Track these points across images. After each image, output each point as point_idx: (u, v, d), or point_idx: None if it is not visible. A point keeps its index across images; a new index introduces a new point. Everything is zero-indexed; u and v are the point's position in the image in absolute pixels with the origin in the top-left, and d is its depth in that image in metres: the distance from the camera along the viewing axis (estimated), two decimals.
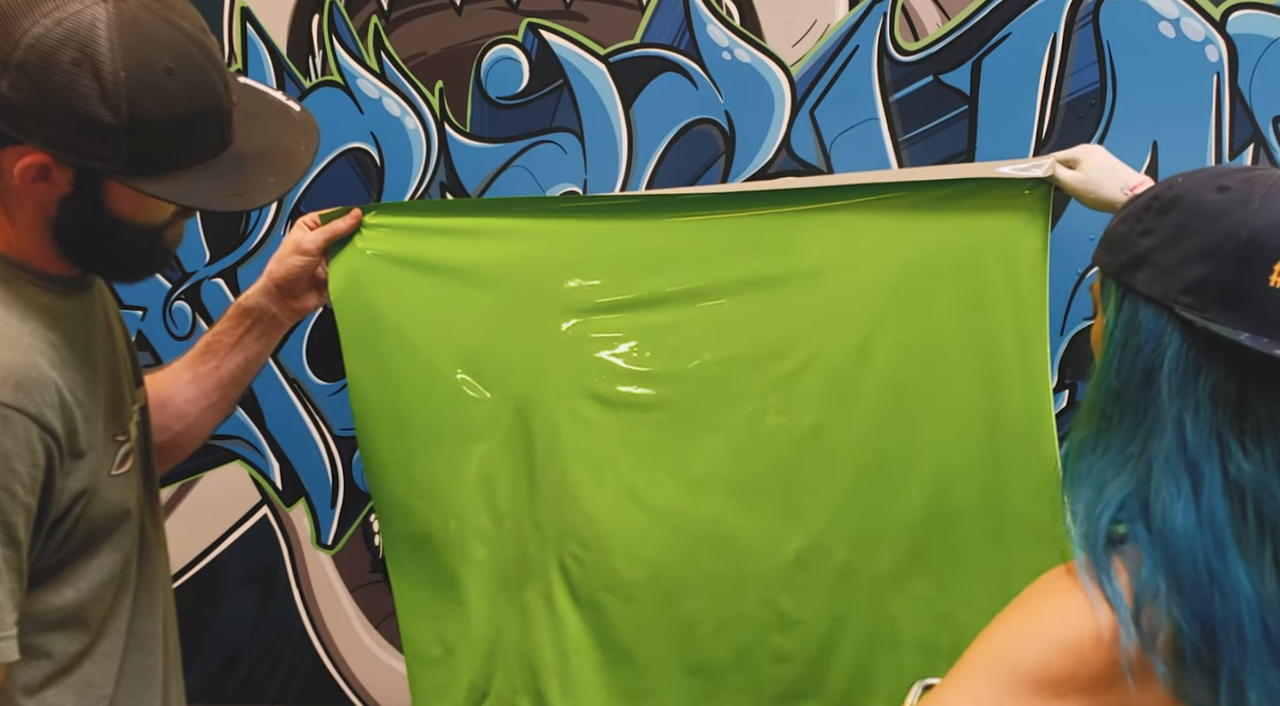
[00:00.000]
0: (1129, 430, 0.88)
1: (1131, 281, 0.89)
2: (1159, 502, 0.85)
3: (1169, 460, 0.86)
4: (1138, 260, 0.89)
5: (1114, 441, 0.89)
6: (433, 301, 1.49)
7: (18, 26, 0.98)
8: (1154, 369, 0.87)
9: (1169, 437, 0.86)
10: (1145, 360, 0.87)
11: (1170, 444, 0.86)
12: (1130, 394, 0.88)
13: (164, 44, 1.02)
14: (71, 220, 1.08)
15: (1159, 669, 0.83)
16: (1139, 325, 0.88)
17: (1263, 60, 1.50)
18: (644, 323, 1.48)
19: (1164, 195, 0.89)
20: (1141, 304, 0.88)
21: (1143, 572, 0.85)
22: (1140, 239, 0.89)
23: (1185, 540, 0.83)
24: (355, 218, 1.48)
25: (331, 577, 1.86)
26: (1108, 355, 0.90)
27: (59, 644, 1.14)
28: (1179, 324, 0.86)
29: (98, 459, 1.13)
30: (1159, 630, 0.83)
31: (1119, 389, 0.89)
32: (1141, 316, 0.88)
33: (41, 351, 1.07)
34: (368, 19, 1.72)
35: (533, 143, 1.70)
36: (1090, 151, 1.36)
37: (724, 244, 1.47)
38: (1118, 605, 0.84)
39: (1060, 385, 1.61)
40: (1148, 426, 0.87)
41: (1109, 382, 0.90)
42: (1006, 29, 1.56)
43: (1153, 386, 0.87)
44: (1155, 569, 0.84)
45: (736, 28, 1.63)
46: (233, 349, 1.44)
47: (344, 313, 1.47)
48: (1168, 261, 0.87)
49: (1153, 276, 0.87)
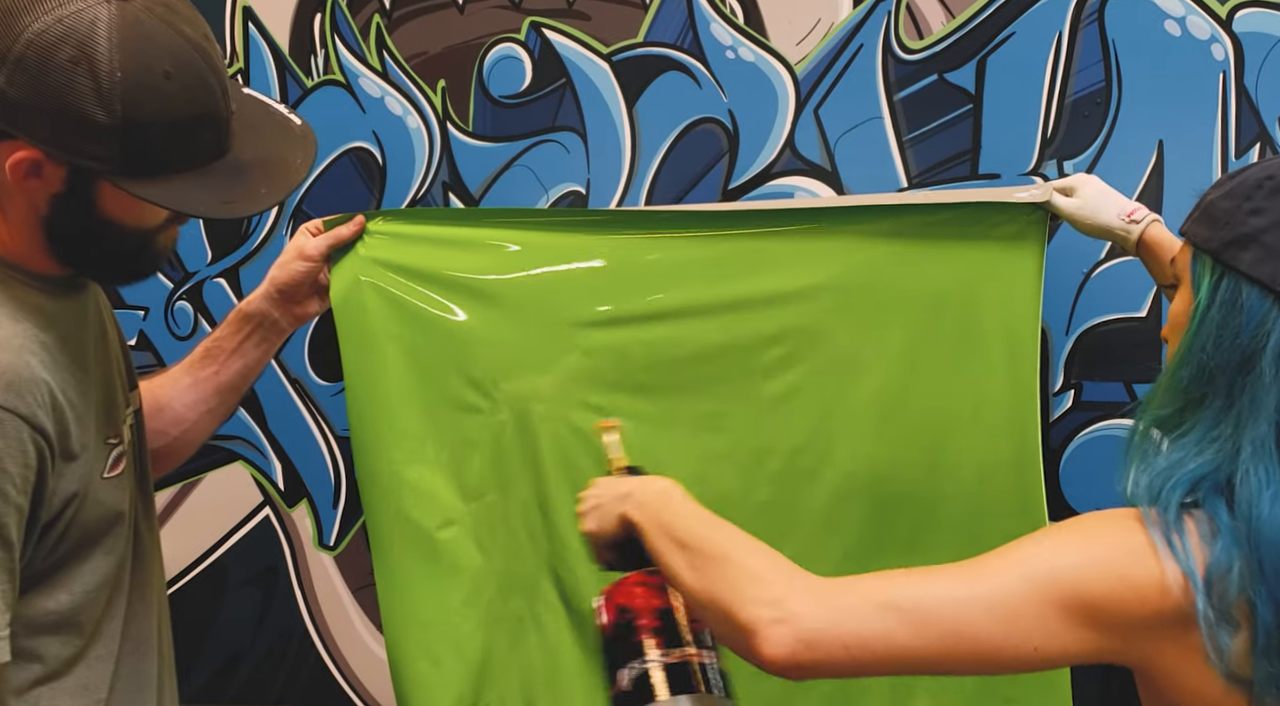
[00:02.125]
0: (1219, 411, 0.87)
1: (1235, 260, 0.87)
2: (1246, 488, 0.84)
3: (1264, 445, 0.85)
4: (1244, 239, 0.87)
5: (1200, 420, 0.88)
6: (433, 310, 1.49)
7: (19, 21, 0.98)
8: (1256, 352, 0.85)
9: (1265, 423, 0.85)
10: (1246, 342, 0.86)
11: (1266, 430, 0.85)
12: (1225, 375, 0.87)
13: (164, 48, 1.02)
14: (62, 219, 1.08)
15: (1222, 642, 0.82)
16: (1241, 306, 0.86)
17: (1269, 59, 1.50)
18: (642, 336, 1.49)
19: (1278, 175, 0.88)
20: (1245, 284, 0.86)
21: (1217, 547, 0.84)
22: (1249, 217, 0.87)
23: (1271, 528, 0.83)
24: (359, 224, 1.47)
25: (333, 578, 1.85)
26: (1199, 333, 0.88)
27: (52, 648, 1.13)
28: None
29: (90, 461, 1.13)
30: (1230, 605, 0.83)
31: (1213, 369, 0.87)
32: (1245, 297, 0.86)
33: (34, 352, 1.07)
34: (370, 18, 1.71)
35: (535, 142, 1.70)
36: (1086, 180, 1.38)
37: (723, 262, 1.49)
38: (1189, 568, 0.83)
39: (1066, 385, 1.61)
40: (1242, 408, 0.86)
41: (1199, 360, 0.88)
42: (1011, 27, 1.56)
43: (1252, 369, 0.85)
44: (1231, 547, 0.83)
45: (740, 26, 1.62)
46: (233, 354, 1.43)
47: (344, 319, 1.47)
48: (1278, 243, 0.85)
49: (1260, 257, 0.86)
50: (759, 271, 1.48)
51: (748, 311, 1.48)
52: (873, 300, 1.46)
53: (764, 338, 1.47)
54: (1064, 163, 1.56)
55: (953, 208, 1.44)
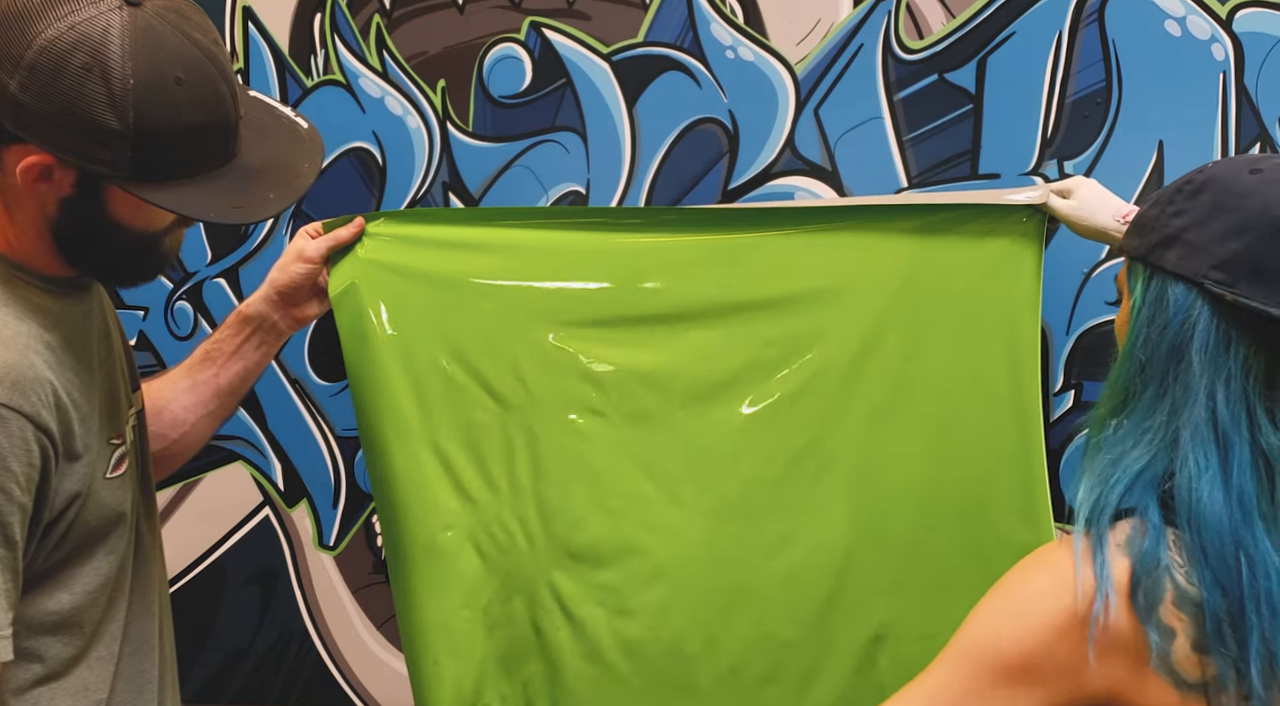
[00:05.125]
0: (1151, 401, 0.89)
1: (1161, 260, 0.90)
2: (1184, 474, 0.86)
3: (1198, 431, 0.87)
4: (1168, 240, 0.90)
5: (1135, 413, 0.91)
6: (434, 311, 1.48)
7: (32, 28, 0.99)
8: (1183, 342, 0.88)
9: (1199, 408, 0.87)
10: (1173, 334, 0.88)
11: (1201, 415, 0.87)
12: (1156, 367, 0.89)
13: (175, 54, 1.02)
14: (71, 222, 1.08)
15: (1153, 639, 0.83)
16: (1167, 302, 0.89)
17: (1269, 59, 1.50)
18: (642, 337, 1.49)
19: (1196, 179, 0.91)
20: (1170, 281, 0.90)
21: (1145, 543, 0.85)
22: (1171, 219, 0.90)
23: (1212, 511, 0.84)
24: (358, 226, 1.47)
25: (333, 578, 1.85)
26: (1133, 333, 0.92)
27: (53, 648, 1.14)
28: (1209, 299, 0.87)
29: (93, 461, 1.13)
30: (1157, 601, 0.84)
31: (1144, 363, 0.90)
32: (1170, 293, 0.89)
33: (38, 352, 1.07)
34: (370, 18, 1.71)
35: (535, 142, 1.70)
36: (1083, 182, 1.39)
37: (721, 263, 1.49)
38: (1102, 576, 0.85)
39: (1066, 385, 1.61)
40: (1174, 398, 0.88)
41: (1134, 358, 0.91)
42: (1011, 27, 1.56)
43: (1181, 359, 0.88)
44: (1160, 540, 0.85)
45: (740, 26, 1.62)
46: (232, 357, 1.43)
47: (345, 320, 1.47)
48: (1199, 239, 0.88)
49: (1183, 255, 0.89)
50: (760, 272, 1.48)
51: (748, 312, 1.48)
52: (872, 302, 1.46)
53: (764, 339, 1.48)
54: (1064, 163, 1.56)
55: (951, 209, 1.44)
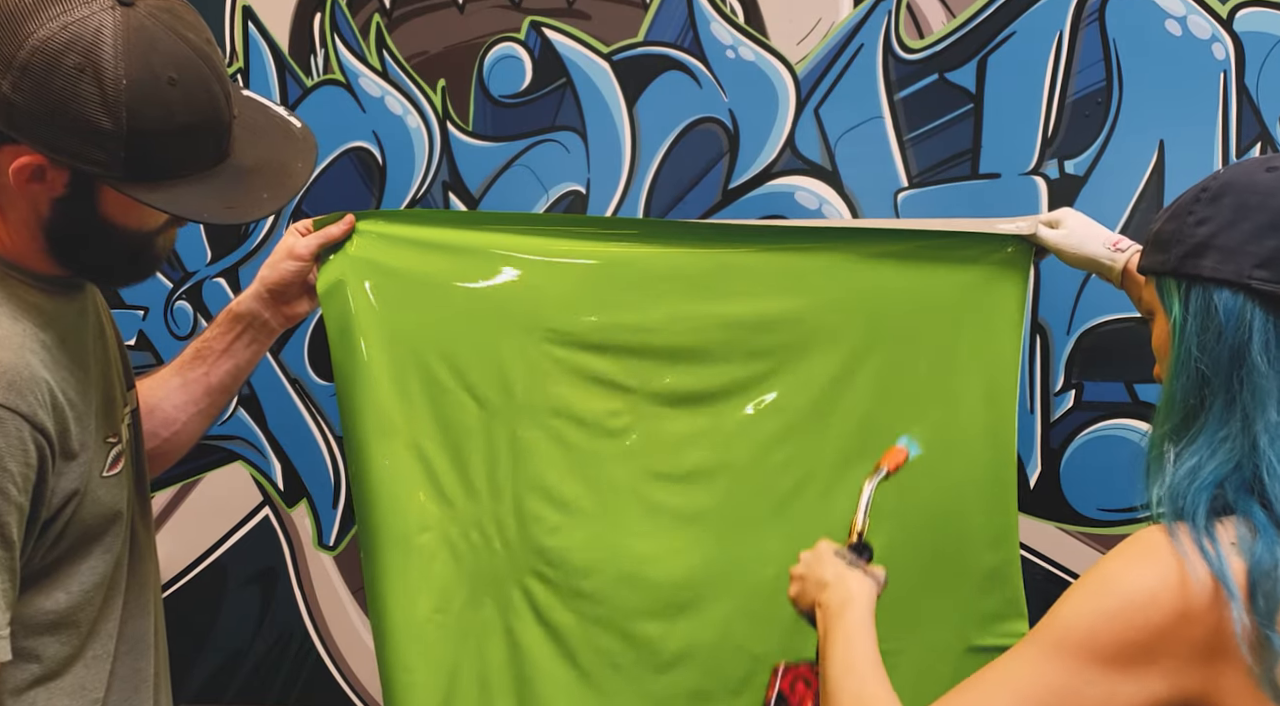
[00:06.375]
0: (1222, 409, 0.88)
1: (1196, 270, 0.89)
2: (1275, 477, 0.84)
3: (1278, 432, 0.85)
4: (1198, 249, 0.89)
5: (1206, 425, 0.88)
6: (421, 311, 1.48)
7: (24, 28, 0.98)
8: (1242, 346, 0.87)
9: (1275, 411, 0.85)
10: (1231, 339, 0.87)
11: (1276, 417, 0.85)
12: (1219, 377, 0.88)
13: (168, 54, 1.02)
14: (64, 222, 1.08)
15: (1276, 644, 0.81)
16: (1216, 309, 0.88)
17: (1270, 58, 1.50)
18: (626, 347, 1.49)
19: (1210, 186, 0.90)
20: (1213, 288, 0.88)
21: (1259, 546, 0.83)
22: (1196, 228, 0.89)
23: None
24: (348, 223, 1.47)
25: (333, 578, 1.85)
26: (1183, 348, 0.90)
27: (49, 647, 1.13)
28: (1258, 299, 0.87)
29: (89, 460, 1.13)
30: (1276, 606, 0.82)
31: (1206, 374, 0.88)
32: (1216, 300, 0.88)
33: (34, 351, 1.07)
34: (370, 17, 1.71)
35: (535, 142, 1.69)
36: (1070, 213, 1.39)
37: (711, 278, 1.49)
38: (1224, 576, 0.83)
39: (1067, 385, 1.61)
40: (1245, 402, 0.86)
41: (1189, 372, 0.89)
42: (1012, 27, 1.56)
43: (1244, 363, 0.87)
44: (1274, 542, 0.83)
45: (740, 26, 1.62)
46: (223, 355, 1.43)
47: (332, 317, 1.46)
48: (1232, 242, 0.87)
49: (1220, 260, 0.88)
50: (744, 289, 1.48)
51: (732, 327, 1.48)
52: (854, 325, 1.46)
53: (747, 352, 1.48)
54: (1064, 162, 1.56)
55: (938, 236, 1.44)
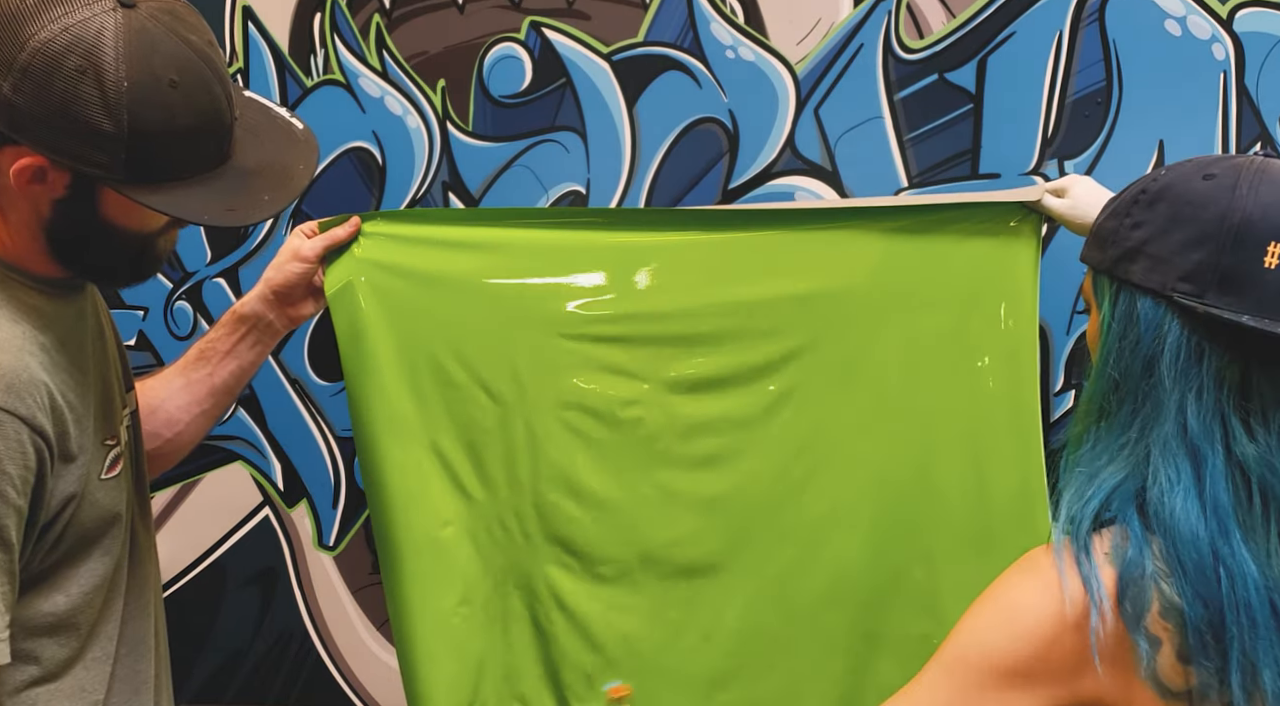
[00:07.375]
0: (1125, 418, 0.89)
1: (1126, 274, 0.89)
2: (1156, 488, 0.86)
3: (1168, 445, 0.86)
4: (1131, 253, 0.89)
5: (1109, 430, 0.90)
6: (430, 311, 1.48)
7: (25, 29, 0.98)
8: (1154, 357, 0.87)
9: (1169, 423, 0.86)
10: (1145, 349, 0.88)
11: (1170, 429, 0.86)
12: (1129, 384, 0.89)
13: (170, 56, 1.02)
14: (64, 224, 1.08)
15: (1142, 647, 0.83)
16: (1137, 316, 0.89)
17: (1270, 58, 1.50)
18: (639, 337, 1.49)
19: (1150, 187, 0.90)
20: (1138, 295, 0.89)
21: (1129, 551, 0.85)
22: (1131, 231, 0.90)
23: (1186, 524, 0.84)
24: (354, 225, 1.47)
25: (333, 578, 1.85)
26: (1106, 349, 0.91)
27: (49, 650, 1.14)
28: (1178, 311, 0.87)
29: (88, 462, 1.13)
30: (1144, 610, 0.83)
31: (1118, 380, 0.89)
32: (1139, 307, 0.89)
33: (33, 353, 1.07)
34: (370, 17, 1.71)
35: (535, 142, 1.69)
36: (1077, 180, 1.39)
37: (721, 264, 1.49)
38: (1092, 584, 0.84)
39: (1066, 385, 1.61)
40: (1145, 413, 0.88)
41: (1107, 375, 0.90)
42: (1011, 27, 1.56)
43: (1153, 374, 0.87)
44: (1143, 549, 0.85)
45: (740, 26, 1.62)
46: (226, 356, 1.43)
47: (341, 320, 1.46)
48: (1162, 251, 0.87)
49: (1148, 267, 0.88)
50: (755, 272, 1.48)
51: (746, 314, 1.48)
52: (869, 303, 1.46)
53: (760, 336, 1.48)
54: (1064, 162, 1.56)
55: (946, 209, 1.44)
